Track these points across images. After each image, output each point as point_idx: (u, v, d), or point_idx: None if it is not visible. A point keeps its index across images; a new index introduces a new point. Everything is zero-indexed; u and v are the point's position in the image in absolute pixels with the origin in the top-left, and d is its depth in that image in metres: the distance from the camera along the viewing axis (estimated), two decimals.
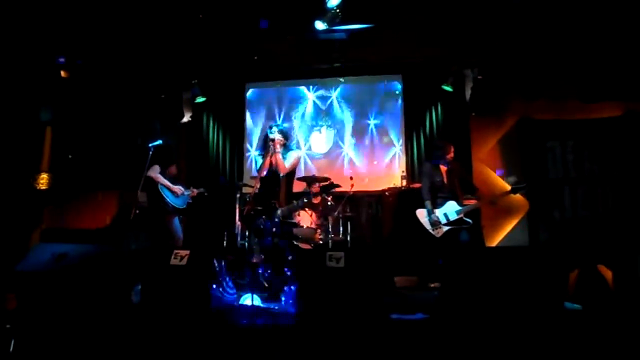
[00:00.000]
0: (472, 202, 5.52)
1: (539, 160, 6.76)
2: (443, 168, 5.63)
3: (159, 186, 5.49)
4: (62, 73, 6.80)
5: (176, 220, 5.67)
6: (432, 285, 5.57)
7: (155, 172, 5.48)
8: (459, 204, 5.45)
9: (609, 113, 6.59)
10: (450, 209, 5.46)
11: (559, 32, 6.11)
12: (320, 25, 5.89)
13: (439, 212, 5.49)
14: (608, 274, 4.54)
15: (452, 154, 5.63)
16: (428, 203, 5.56)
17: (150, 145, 5.28)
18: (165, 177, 5.57)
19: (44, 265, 3.51)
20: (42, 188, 6.81)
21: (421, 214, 5.62)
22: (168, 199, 5.52)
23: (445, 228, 5.45)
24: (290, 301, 3.95)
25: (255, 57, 7.07)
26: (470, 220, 5.45)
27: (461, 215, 5.41)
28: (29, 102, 6.66)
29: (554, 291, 3.25)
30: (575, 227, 6.41)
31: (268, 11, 6.09)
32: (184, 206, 5.65)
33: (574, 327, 3.11)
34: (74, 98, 6.97)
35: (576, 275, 4.54)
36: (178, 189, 5.57)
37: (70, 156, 7.04)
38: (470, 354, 2.96)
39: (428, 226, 5.54)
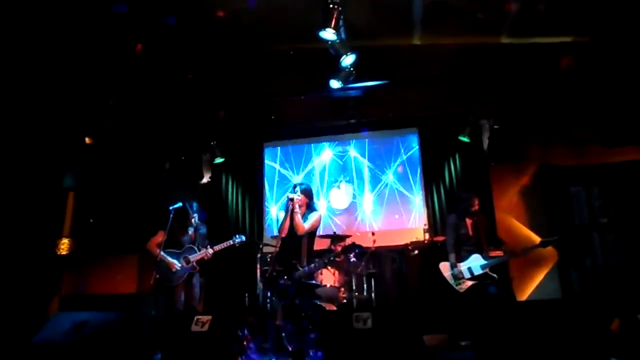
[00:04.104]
0: (498, 254, 5.36)
1: (563, 207, 6.60)
2: (468, 220, 5.53)
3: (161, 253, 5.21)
4: (87, 139, 6.99)
5: (193, 281, 5.47)
6: (463, 343, 5.33)
7: (153, 244, 5.31)
8: (485, 257, 5.30)
9: (632, 156, 6.47)
10: (475, 263, 5.31)
11: (575, 77, 6.13)
12: (335, 84, 6.01)
13: (463, 266, 5.35)
14: None
15: (477, 206, 5.54)
16: (452, 256, 5.43)
17: (170, 208, 5.25)
18: (181, 239, 5.47)
19: (64, 336, 3.44)
20: (62, 253, 6.82)
21: (444, 267, 5.49)
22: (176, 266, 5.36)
23: (470, 283, 5.29)
24: None
25: (272, 117, 7.21)
26: (495, 275, 5.27)
27: (486, 270, 5.25)
28: (53, 168, 6.81)
29: (598, 346, 3.06)
30: (610, 274, 6.15)
31: (283, 72, 6.26)
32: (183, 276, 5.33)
33: None
34: (97, 163, 7.11)
35: (617, 327, 4.30)
36: (173, 264, 5.26)
37: (91, 220, 7.09)
38: None
39: (451, 280, 5.39)
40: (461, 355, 4.70)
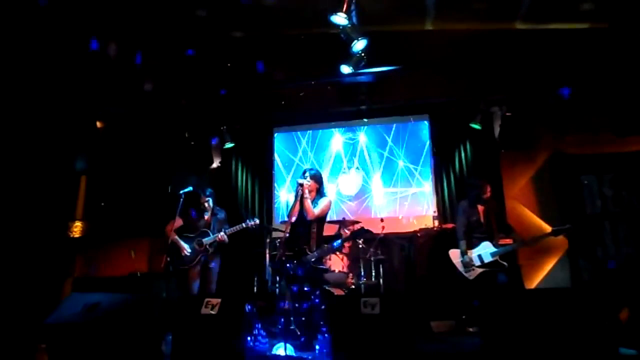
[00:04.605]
0: (508, 242, 5.35)
1: (575, 196, 6.55)
2: (480, 207, 5.50)
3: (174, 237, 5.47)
4: (98, 123, 7.04)
5: (212, 265, 5.58)
6: (471, 329, 5.35)
7: (170, 226, 5.44)
8: (495, 245, 5.29)
9: None
10: (485, 251, 5.30)
11: (588, 65, 6.04)
12: (346, 69, 5.97)
13: (473, 254, 5.34)
14: None
15: (489, 193, 5.51)
16: (462, 243, 5.43)
17: (180, 192, 5.31)
18: (197, 224, 5.56)
19: (76, 317, 3.50)
20: (75, 236, 6.92)
21: (454, 254, 5.49)
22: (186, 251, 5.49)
23: (479, 270, 5.28)
24: (325, 350, 3.81)
25: (283, 102, 7.19)
26: (505, 263, 5.26)
27: (496, 258, 5.24)
28: (65, 152, 6.87)
29: (606, 335, 3.05)
30: (620, 264, 6.11)
31: (294, 57, 6.23)
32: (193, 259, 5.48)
33: None
34: (108, 147, 7.17)
35: (627, 317, 4.29)
36: (183, 248, 5.45)
37: (102, 204, 7.17)
38: None
39: (461, 267, 5.40)
40: (469, 341, 4.71)
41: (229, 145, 7.57)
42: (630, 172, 6.42)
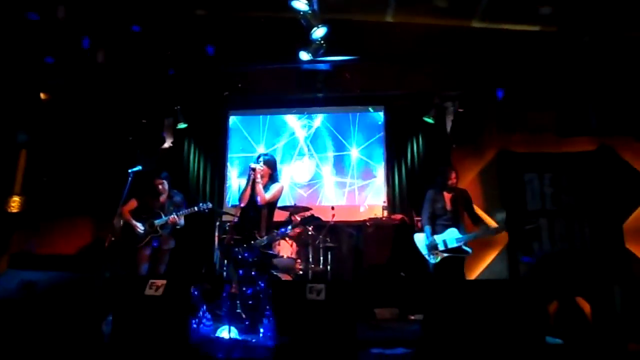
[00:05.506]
0: (476, 230, 5.46)
1: (517, 192, 6.82)
2: (447, 195, 5.55)
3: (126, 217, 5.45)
4: (41, 95, 6.70)
5: (164, 247, 5.52)
6: (412, 317, 5.52)
7: (126, 207, 5.41)
8: (461, 231, 5.37)
9: (582, 147, 6.73)
10: (450, 236, 5.34)
11: (537, 66, 6.28)
12: (304, 55, 5.95)
13: (437, 239, 5.38)
14: (586, 307, 4.54)
15: (454, 180, 5.57)
16: (428, 228, 5.46)
17: (130, 171, 5.17)
18: (151, 206, 5.48)
19: (11, 293, 3.36)
20: (13, 211, 6.60)
21: (419, 237, 5.53)
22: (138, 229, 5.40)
23: (443, 255, 5.33)
24: (269, 334, 3.84)
25: (239, 85, 7.08)
26: (469, 250, 5.36)
27: (461, 244, 5.31)
28: (6, 123, 6.53)
29: (536, 325, 3.22)
30: (554, 259, 6.44)
31: (253, 39, 6.14)
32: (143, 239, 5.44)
33: None
34: (52, 121, 6.85)
35: (555, 309, 4.53)
36: (136, 226, 5.40)
37: (45, 179, 6.86)
38: None
39: (425, 251, 5.44)
40: (409, 328, 4.87)
41: (182, 125, 7.39)
42: (569, 172, 6.74)
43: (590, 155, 6.68)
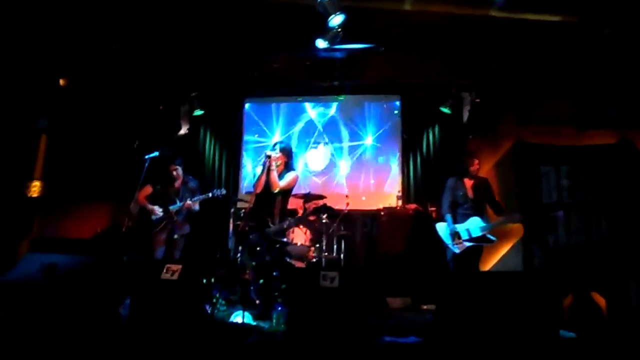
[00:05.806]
0: (499, 218, 5.31)
1: (533, 184, 6.75)
2: (468, 182, 5.43)
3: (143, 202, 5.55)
4: (61, 81, 6.79)
5: (180, 233, 5.61)
6: (425, 307, 5.52)
7: (142, 193, 5.51)
8: (484, 220, 5.24)
9: (602, 140, 6.62)
10: (473, 225, 5.20)
11: (557, 57, 6.18)
12: (321, 43, 5.92)
13: (460, 228, 5.25)
14: (602, 302, 4.50)
15: (476, 166, 5.45)
16: (449, 217, 5.33)
17: (146, 157, 5.24)
18: (167, 192, 5.56)
19: (32, 277, 3.44)
20: (33, 196, 6.73)
21: (441, 227, 5.42)
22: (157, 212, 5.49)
23: (467, 244, 5.22)
24: (282, 320, 3.88)
25: (255, 73, 7.09)
26: (494, 238, 5.22)
27: (485, 233, 5.18)
28: (26, 110, 6.63)
29: (549, 318, 3.21)
30: (569, 253, 6.38)
31: (270, 27, 6.12)
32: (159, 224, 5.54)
33: (568, 356, 3.07)
34: (72, 107, 6.93)
35: (570, 303, 4.51)
36: (152, 209, 5.52)
37: (64, 164, 6.98)
38: None
39: (448, 240, 5.31)
40: (421, 317, 4.88)
41: (198, 112, 7.43)
42: (587, 165, 6.65)
43: (610, 148, 6.57)
